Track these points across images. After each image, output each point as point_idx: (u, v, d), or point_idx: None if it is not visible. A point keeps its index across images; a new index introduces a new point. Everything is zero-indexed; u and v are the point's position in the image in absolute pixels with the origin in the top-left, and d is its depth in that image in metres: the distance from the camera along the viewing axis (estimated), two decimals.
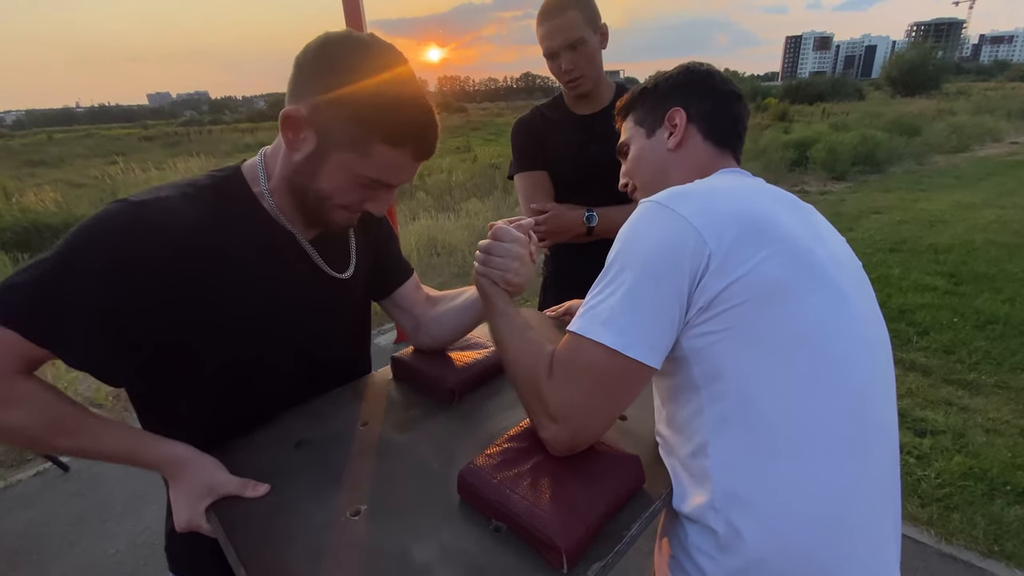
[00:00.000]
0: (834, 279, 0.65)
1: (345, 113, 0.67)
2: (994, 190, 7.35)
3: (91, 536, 2.07)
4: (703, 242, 0.60)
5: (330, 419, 0.84)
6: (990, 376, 2.84)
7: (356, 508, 0.65)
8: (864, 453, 0.62)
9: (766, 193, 0.72)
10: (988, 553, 1.78)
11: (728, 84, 0.83)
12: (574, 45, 1.33)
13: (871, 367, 0.66)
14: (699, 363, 0.63)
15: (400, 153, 0.70)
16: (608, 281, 0.64)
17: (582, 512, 0.58)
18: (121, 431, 0.69)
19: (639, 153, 0.86)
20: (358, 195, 0.74)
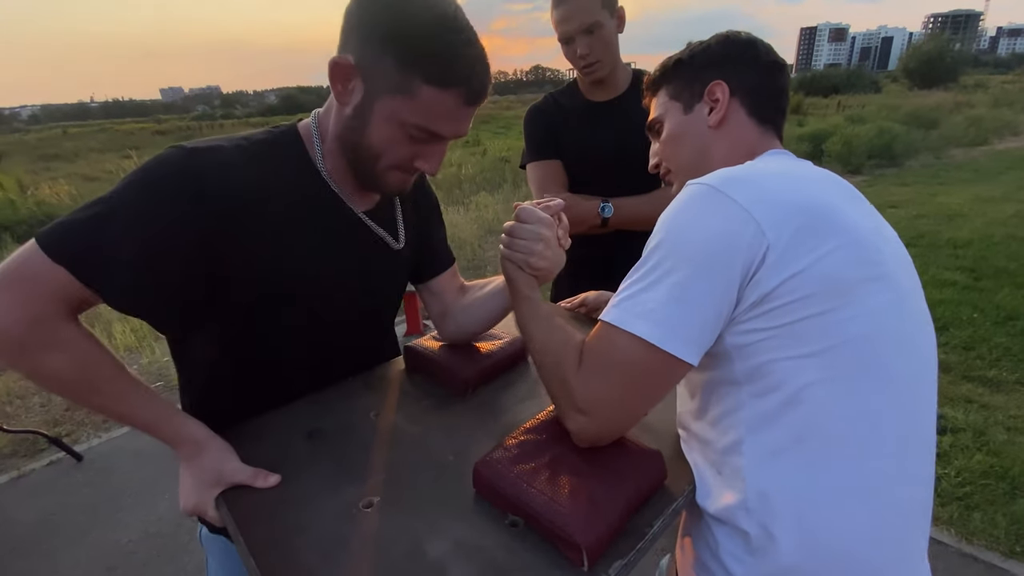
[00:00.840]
0: (896, 277, 0.62)
1: (387, 54, 0.63)
2: (1013, 184, 7.19)
3: (103, 526, 2.09)
4: (761, 233, 0.55)
5: (341, 409, 0.82)
6: (1011, 373, 2.77)
7: (368, 500, 0.63)
8: (908, 466, 0.60)
9: (826, 180, 0.67)
10: (1010, 553, 1.74)
11: (771, 54, 0.76)
12: (590, 29, 1.28)
13: (921, 376, 0.63)
14: (743, 359, 0.59)
15: (448, 96, 0.65)
16: (649, 270, 0.59)
17: (603, 508, 0.56)
18: (148, 398, 0.68)
19: (676, 130, 0.78)
20: (408, 149, 0.70)
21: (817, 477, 0.57)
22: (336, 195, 0.77)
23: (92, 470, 2.42)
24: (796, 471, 0.58)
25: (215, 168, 0.66)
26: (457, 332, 0.97)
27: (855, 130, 9.96)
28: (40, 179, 10.25)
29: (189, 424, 0.70)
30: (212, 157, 0.66)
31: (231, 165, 0.67)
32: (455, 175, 9.03)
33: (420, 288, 1.00)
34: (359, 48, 0.65)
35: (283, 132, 0.76)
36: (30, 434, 2.55)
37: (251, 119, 45.64)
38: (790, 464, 0.58)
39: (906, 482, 0.60)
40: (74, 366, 0.63)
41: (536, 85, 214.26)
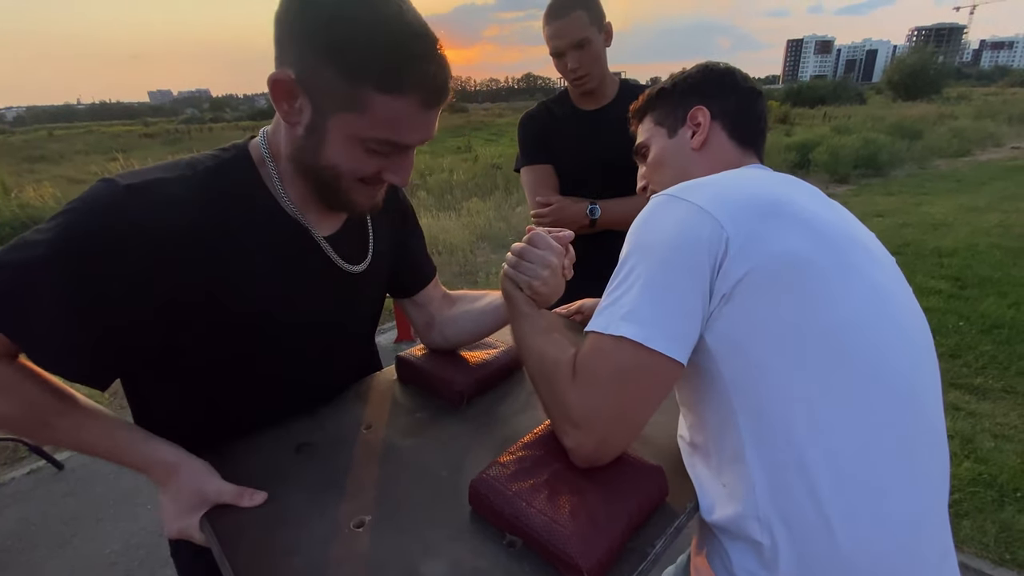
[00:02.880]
0: (862, 263, 0.62)
1: (329, 65, 0.56)
2: (997, 194, 7.32)
3: (85, 535, 2.03)
4: (720, 227, 0.58)
5: (332, 422, 0.80)
6: (997, 380, 2.81)
7: (360, 519, 0.61)
8: (913, 453, 0.58)
9: (787, 181, 0.69)
10: (999, 561, 1.75)
11: (748, 81, 0.82)
12: (580, 44, 1.36)
13: (913, 358, 0.62)
14: (727, 359, 0.58)
15: (404, 102, 0.58)
16: (624, 276, 0.61)
17: (604, 528, 0.54)
18: (107, 427, 0.64)
19: (660, 154, 0.83)
20: (372, 164, 0.64)
21: (811, 479, 0.56)
22: (296, 221, 0.70)
23: (73, 479, 2.36)
24: (789, 475, 0.56)
25: (154, 208, 0.59)
26: (443, 343, 0.96)
27: (841, 140, 10.10)
28: (24, 181, 10.07)
29: (158, 448, 0.66)
30: (150, 195, 0.59)
31: (173, 202, 0.60)
32: (446, 180, 9.01)
33: (403, 302, 0.98)
34: (298, 61, 0.58)
35: (233, 156, 0.69)
36: (10, 441, 2.48)
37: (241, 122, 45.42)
38: (786, 469, 0.57)
39: (915, 476, 0.58)
40: (18, 406, 0.60)
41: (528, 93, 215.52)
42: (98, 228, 0.57)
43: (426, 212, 6.88)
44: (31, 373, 0.61)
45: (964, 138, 12.40)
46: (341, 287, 0.78)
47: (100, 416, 0.65)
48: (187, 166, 0.65)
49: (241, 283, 0.67)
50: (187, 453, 0.67)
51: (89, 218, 0.57)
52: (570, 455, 0.63)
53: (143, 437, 0.66)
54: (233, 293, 0.66)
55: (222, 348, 0.69)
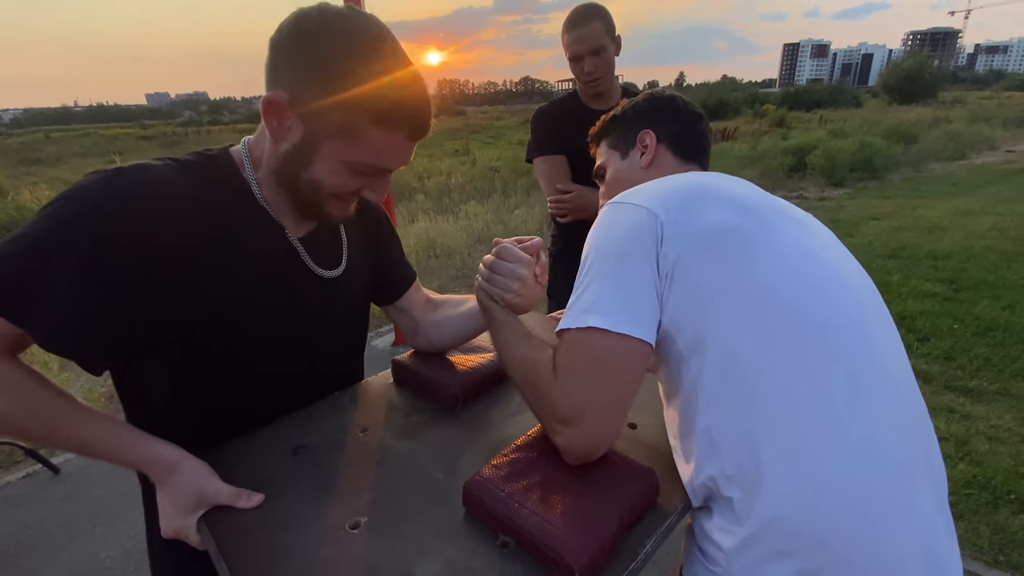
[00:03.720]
0: (785, 228, 0.68)
1: (331, 99, 0.61)
2: (992, 197, 7.37)
3: (81, 540, 2.03)
4: (653, 215, 0.65)
5: (328, 425, 0.81)
6: (991, 383, 2.82)
7: (355, 520, 0.62)
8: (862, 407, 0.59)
9: (719, 175, 0.77)
10: (994, 563, 1.76)
11: (689, 106, 0.92)
12: (597, 51, 1.54)
13: (858, 313, 0.65)
14: (680, 333, 0.63)
15: (395, 135, 0.65)
16: (583, 275, 0.67)
17: (595, 528, 0.55)
18: (108, 426, 0.65)
19: (615, 174, 0.92)
20: (353, 182, 0.69)
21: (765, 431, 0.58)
22: (275, 221, 0.74)
23: (69, 483, 2.35)
24: (749, 428, 0.59)
25: (145, 185, 0.62)
26: (428, 346, 0.98)
27: (837, 144, 10.15)
28: (21, 184, 10.06)
29: (159, 446, 0.66)
30: (137, 177, 0.62)
31: (162, 183, 0.64)
32: (444, 183, 9.03)
33: (388, 308, 0.99)
34: (295, 87, 0.62)
35: (216, 155, 0.72)
36: (6, 445, 2.47)
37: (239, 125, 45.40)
38: (744, 422, 0.59)
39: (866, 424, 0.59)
40: (20, 406, 0.60)
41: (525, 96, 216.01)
42: (92, 208, 0.59)
43: (424, 215, 6.89)
44: (33, 372, 0.62)
45: (959, 142, 12.47)
46: (315, 293, 0.79)
47: (100, 416, 0.65)
48: (171, 159, 0.69)
49: (224, 271, 0.68)
50: (186, 453, 0.68)
51: (82, 200, 0.60)
52: (563, 454, 0.64)
53: (144, 436, 0.67)
54: (217, 279, 0.68)
55: (204, 340, 0.69)
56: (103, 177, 0.61)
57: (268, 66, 0.65)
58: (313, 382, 0.86)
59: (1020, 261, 4.61)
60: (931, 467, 0.63)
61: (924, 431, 0.64)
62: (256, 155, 0.72)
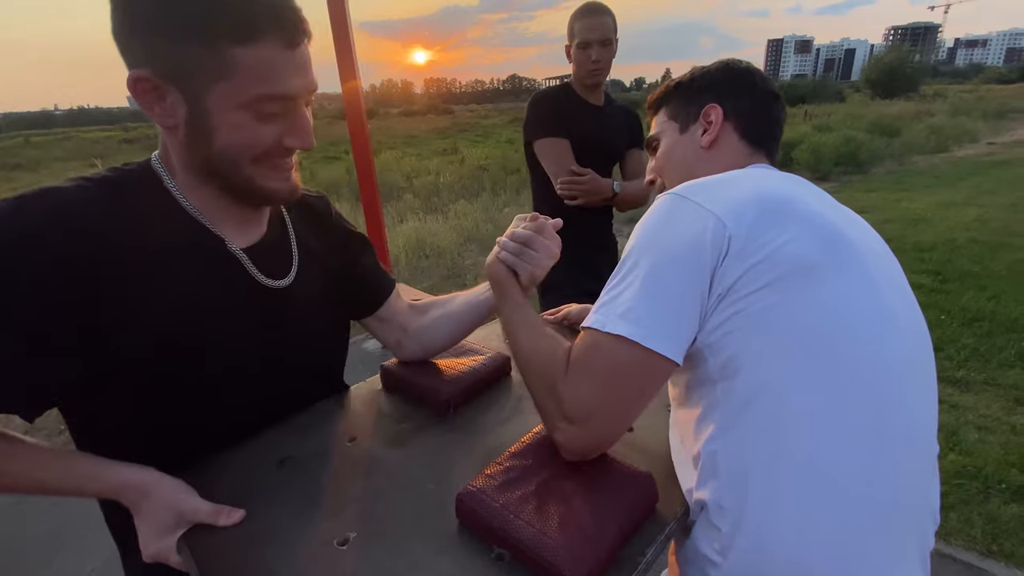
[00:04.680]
0: (863, 262, 0.61)
1: (182, 39, 0.54)
2: (974, 189, 7.47)
3: (67, 552, 1.98)
4: (723, 225, 0.58)
5: (314, 434, 0.78)
6: (979, 373, 2.85)
7: (344, 536, 0.59)
8: (882, 460, 0.57)
9: (794, 180, 0.69)
10: (987, 553, 1.77)
11: (768, 83, 0.80)
12: (604, 43, 1.63)
13: (902, 363, 0.60)
14: (715, 354, 0.59)
15: (264, 48, 0.56)
16: (624, 274, 0.61)
17: (593, 538, 0.53)
18: (64, 459, 0.61)
19: (670, 149, 0.83)
20: (266, 132, 0.61)
21: (774, 476, 0.56)
22: (207, 231, 0.67)
23: None
24: (756, 469, 0.57)
25: (48, 216, 0.55)
26: (421, 352, 0.93)
27: (822, 138, 10.24)
28: (1, 190, 9.86)
29: (124, 471, 0.62)
30: (42, 203, 0.56)
31: (67, 209, 0.57)
32: (433, 183, 8.97)
33: (368, 321, 0.92)
34: (150, 54, 0.55)
35: (135, 169, 0.66)
36: None
37: None
38: (754, 461, 0.57)
39: (881, 484, 0.56)
40: None
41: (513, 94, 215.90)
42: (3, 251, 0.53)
43: (413, 215, 6.84)
44: None
45: (941, 135, 12.63)
46: (265, 304, 0.73)
47: (51, 452, 0.61)
48: (84, 178, 0.62)
49: (147, 295, 0.62)
50: (159, 473, 0.64)
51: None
52: (560, 449, 0.63)
53: (106, 464, 0.62)
54: (139, 307, 0.61)
55: (144, 372, 0.63)
56: (2, 208, 0.55)
57: (121, 55, 0.57)
58: (281, 397, 0.80)
59: (1004, 252, 4.68)
60: (922, 524, 0.61)
61: (930, 485, 0.62)
62: (169, 164, 0.66)
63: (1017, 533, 1.81)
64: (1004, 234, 5.20)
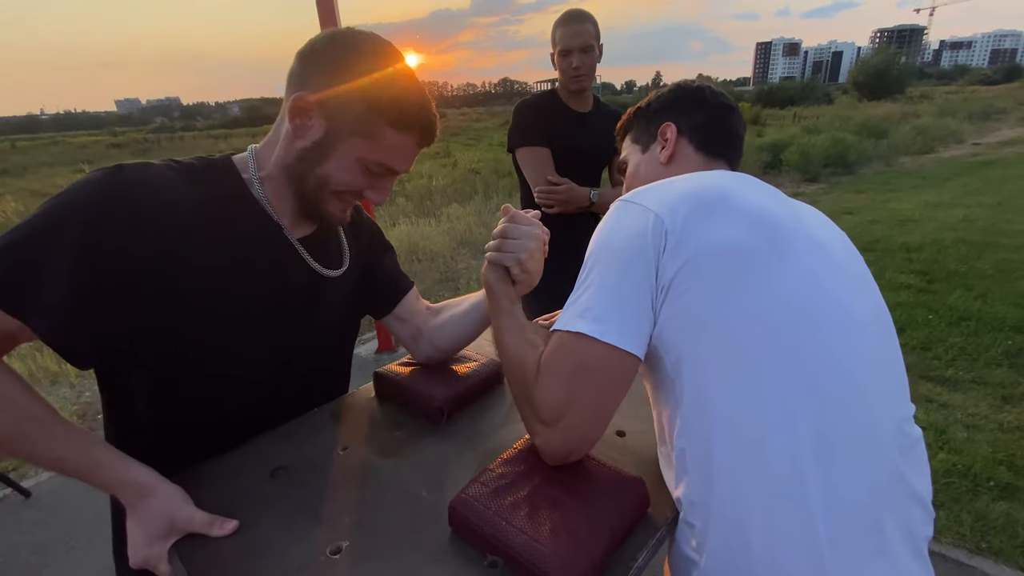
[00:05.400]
0: (805, 254, 0.62)
1: (358, 100, 0.69)
2: (960, 190, 7.57)
3: (55, 566, 1.95)
4: (660, 221, 0.62)
5: (307, 443, 0.78)
6: (967, 372, 2.89)
7: (337, 545, 0.59)
8: (832, 458, 0.56)
9: (740, 178, 0.72)
10: (976, 550, 1.79)
11: (719, 98, 0.85)
12: (585, 49, 1.67)
13: (852, 357, 0.60)
14: (666, 353, 0.61)
15: (407, 138, 0.72)
16: (583, 278, 0.65)
17: (585, 543, 0.54)
18: (84, 443, 0.63)
19: (635, 169, 0.88)
20: (362, 181, 0.74)
21: (719, 475, 0.57)
22: (272, 220, 0.76)
23: (41, 507, 2.26)
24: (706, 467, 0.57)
25: (145, 183, 0.65)
26: (434, 352, 0.95)
27: (811, 140, 10.35)
28: None
29: (133, 468, 0.64)
30: (141, 173, 0.66)
31: (162, 182, 0.66)
32: (425, 186, 8.97)
33: (387, 320, 0.97)
34: (325, 89, 0.69)
35: (216, 160, 0.76)
36: None
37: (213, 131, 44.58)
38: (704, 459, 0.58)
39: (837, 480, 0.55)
40: (1, 415, 0.58)
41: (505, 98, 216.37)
42: (80, 209, 0.60)
43: (405, 219, 6.83)
44: (16, 378, 0.60)
45: (928, 136, 12.79)
46: (314, 291, 0.81)
47: (78, 432, 0.63)
48: (171, 161, 0.72)
49: (213, 267, 0.69)
50: (161, 477, 0.65)
51: (73, 199, 0.61)
52: (540, 453, 0.64)
53: (119, 457, 0.65)
54: (204, 275, 0.69)
55: (189, 339, 0.70)
56: (102, 172, 0.64)
57: (294, 74, 0.71)
58: (298, 381, 0.84)
59: (990, 251, 4.74)
60: (904, 515, 0.60)
61: (907, 476, 0.61)
62: (263, 158, 0.76)
63: (1005, 530, 1.84)
64: (991, 233, 5.27)
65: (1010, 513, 1.90)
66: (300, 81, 0.71)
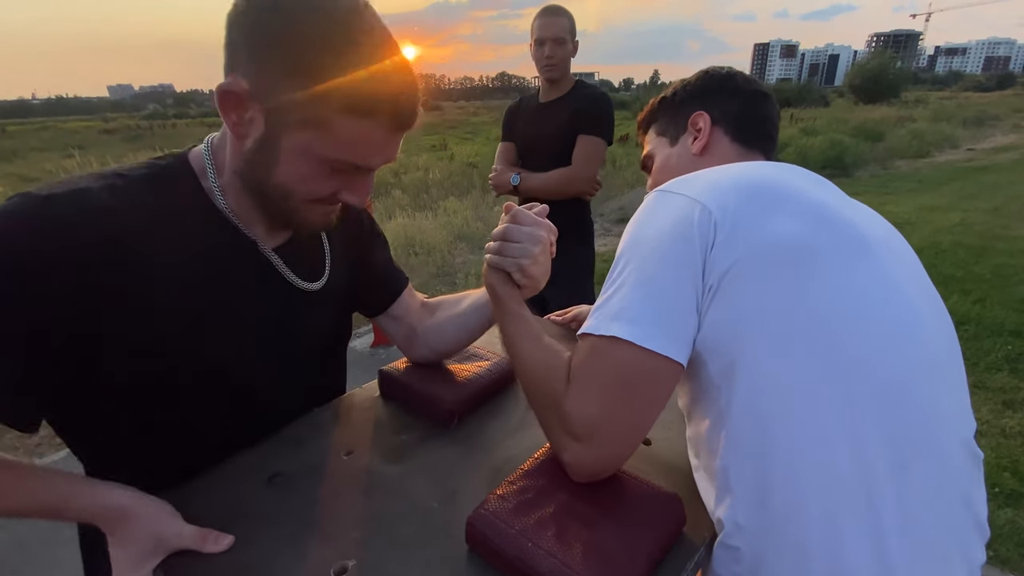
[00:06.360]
0: (875, 252, 0.57)
1: (291, 80, 0.52)
2: (956, 194, 7.59)
3: (36, 564, 1.88)
4: (708, 213, 0.55)
5: (308, 448, 0.72)
6: (967, 377, 2.87)
7: (342, 565, 0.54)
8: (900, 470, 0.51)
9: (782, 167, 0.66)
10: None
11: (752, 84, 0.80)
12: (558, 41, 1.81)
13: (925, 364, 0.55)
14: (714, 358, 0.54)
15: (372, 125, 0.55)
16: (616, 275, 0.59)
17: (621, 569, 0.48)
18: (45, 479, 0.55)
19: (664, 162, 0.82)
20: (329, 184, 0.59)
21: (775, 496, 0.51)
22: (241, 233, 0.65)
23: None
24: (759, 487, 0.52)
25: (78, 218, 0.52)
26: (430, 354, 0.88)
27: (809, 142, 10.37)
28: None
29: (104, 492, 0.56)
30: (74, 204, 0.53)
31: (99, 211, 0.54)
32: (422, 180, 8.87)
33: (379, 319, 0.89)
34: (253, 71, 0.53)
35: (168, 165, 0.63)
36: None
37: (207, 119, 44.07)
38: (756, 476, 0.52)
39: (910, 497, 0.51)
40: None
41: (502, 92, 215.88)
42: (15, 246, 0.50)
43: (401, 212, 6.74)
44: None
45: (923, 140, 12.84)
46: (297, 308, 0.71)
47: (29, 469, 0.55)
48: (116, 175, 0.59)
49: (173, 301, 0.59)
50: (141, 494, 0.58)
51: (4, 235, 0.50)
52: (568, 470, 0.58)
53: (86, 483, 0.57)
54: (164, 312, 0.59)
55: (162, 375, 0.61)
56: (29, 204, 0.51)
57: (225, 46, 0.55)
58: (294, 401, 0.77)
59: (988, 256, 4.75)
60: (965, 540, 0.56)
61: (970, 495, 0.57)
62: (220, 157, 0.63)
63: (1012, 538, 1.82)
64: (987, 238, 5.28)
65: (1016, 520, 1.88)
66: (231, 59, 0.55)
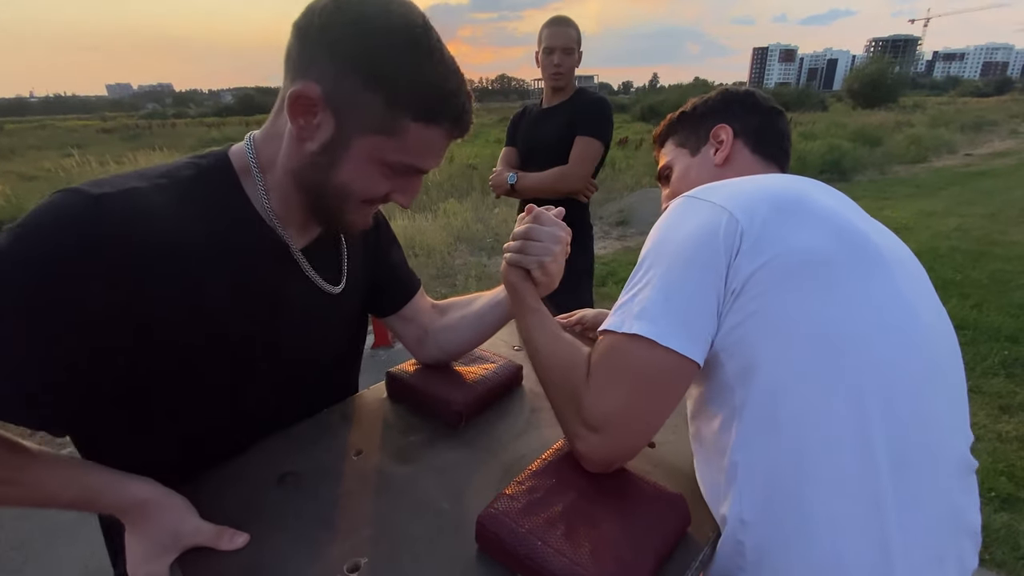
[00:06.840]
0: (887, 265, 0.59)
1: (370, 91, 0.55)
2: (953, 199, 7.63)
3: (37, 562, 1.89)
4: (735, 220, 0.58)
5: (318, 448, 0.73)
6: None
7: (355, 562, 0.55)
8: (902, 474, 0.53)
9: (812, 183, 0.69)
10: (979, 561, 1.78)
11: (769, 101, 0.84)
12: (567, 51, 1.90)
13: (929, 375, 0.58)
14: (731, 359, 0.57)
15: (435, 131, 0.60)
16: (640, 276, 0.61)
17: (630, 567, 0.50)
18: (72, 470, 0.56)
19: (684, 172, 0.85)
20: (385, 185, 0.62)
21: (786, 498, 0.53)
22: (277, 235, 0.66)
23: None
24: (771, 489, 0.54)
25: (131, 221, 0.53)
26: (440, 354, 0.89)
27: (808, 146, 10.39)
28: None
29: (133, 484, 0.58)
30: (126, 206, 0.53)
31: (151, 214, 0.55)
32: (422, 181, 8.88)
33: (390, 320, 0.90)
34: (330, 79, 0.55)
35: (212, 164, 0.64)
36: None
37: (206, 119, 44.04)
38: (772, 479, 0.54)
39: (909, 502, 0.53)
40: None
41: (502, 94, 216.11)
42: (68, 247, 0.50)
43: (401, 213, 6.75)
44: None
45: (921, 145, 12.90)
46: (320, 310, 0.73)
47: (59, 461, 0.56)
48: (162, 175, 0.59)
49: (215, 301, 0.61)
50: (163, 488, 0.59)
51: (56, 234, 0.50)
52: (581, 460, 0.60)
53: (114, 476, 0.58)
54: (208, 315, 0.60)
55: (193, 375, 0.62)
56: (76, 201, 0.51)
57: (294, 55, 0.57)
58: (315, 400, 0.80)
59: (985, 261, 4.77)
60: (959, 546, 0.58)
61: (965, 503, 0.60)
62: (265, 155, 0.64)
63: (1007, 541, 1.83)
64: (985, 243, 5.31)
65: (1012, 524, 1.90)
66: (300, 66, 0.57)
